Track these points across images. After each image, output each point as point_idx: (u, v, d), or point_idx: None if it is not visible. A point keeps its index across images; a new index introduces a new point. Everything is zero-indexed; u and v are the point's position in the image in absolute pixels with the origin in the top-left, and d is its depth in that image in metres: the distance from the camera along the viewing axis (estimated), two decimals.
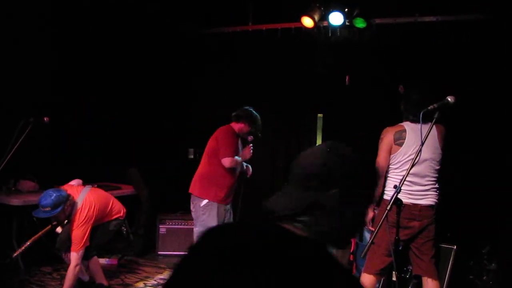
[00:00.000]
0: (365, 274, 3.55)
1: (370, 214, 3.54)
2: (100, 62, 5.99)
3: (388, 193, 3.47)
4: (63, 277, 4.54)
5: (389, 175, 3.57)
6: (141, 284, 4.65)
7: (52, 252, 4.60)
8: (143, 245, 5.70)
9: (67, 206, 3.86)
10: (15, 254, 4.03)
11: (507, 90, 4.47)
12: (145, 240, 5.73)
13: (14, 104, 4.84)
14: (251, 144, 4.67)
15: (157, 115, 6.64)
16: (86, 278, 4.41)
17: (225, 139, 4.51)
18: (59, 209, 3.78)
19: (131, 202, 5.56)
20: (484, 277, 3.93)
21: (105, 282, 4.30)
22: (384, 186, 3.58)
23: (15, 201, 4.69)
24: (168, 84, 6.83)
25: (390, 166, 3.56)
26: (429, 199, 3.48)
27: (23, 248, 3.94)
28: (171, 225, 5.66)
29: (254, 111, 4.73)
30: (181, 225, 5.57)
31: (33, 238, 3.94)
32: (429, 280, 3.45)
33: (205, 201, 4.54)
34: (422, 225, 3.44)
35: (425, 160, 3.42)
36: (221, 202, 4.59)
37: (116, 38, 6.12)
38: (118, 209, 4.39)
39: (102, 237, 4.30)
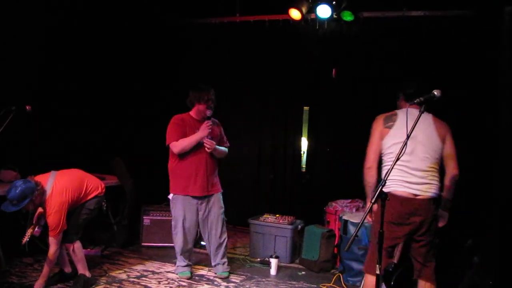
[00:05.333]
0: (367, 275, 3.37)
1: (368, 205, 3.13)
2: (84, 51, 5.90)
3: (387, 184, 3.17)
4: None
5: (383, 163, 3.36)
6: (123, 275, 4.61)
7: (34, 243, 4.53)
8: (127, 236, 5.65)
9: (35, 196, 3.77)
10: (24, 241, 3.95)
11: (492, 86, 4.49)
12: (129, 231, 5.69)
13: None
14: (207, 120, 4.49)
15: (143, 105, 6.60)
16: (68, 269, 4.36)
17: (167, 130, 4.56)
18: (26, 201, 3.70)
19: (115, 193, 5.52)
20: (467, 271, 3.97)
21: (87, 273, 4.24)
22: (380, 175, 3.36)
23: None
24: (155, 74, 6.78)
25: (383, 152, 3.35)
26: (429, 192, 3.26)
27: (29, 233, 3.94)
28: (156, 216, 5.62)
29: (197, 87, 4.63)
30: (165, 216, 5.53)
31: (34, 223, 3.98)
32: (423, 282, 3.31)
33: (170, 195, 4.65)
34: (422, 220, 3.22)
35: (421, 150, 3.25)
36: (185, 193, 4.54)
37: (101, 27, 6.04)
38: (96, 186, 4.26)
39: (84, 218, 4.18)
